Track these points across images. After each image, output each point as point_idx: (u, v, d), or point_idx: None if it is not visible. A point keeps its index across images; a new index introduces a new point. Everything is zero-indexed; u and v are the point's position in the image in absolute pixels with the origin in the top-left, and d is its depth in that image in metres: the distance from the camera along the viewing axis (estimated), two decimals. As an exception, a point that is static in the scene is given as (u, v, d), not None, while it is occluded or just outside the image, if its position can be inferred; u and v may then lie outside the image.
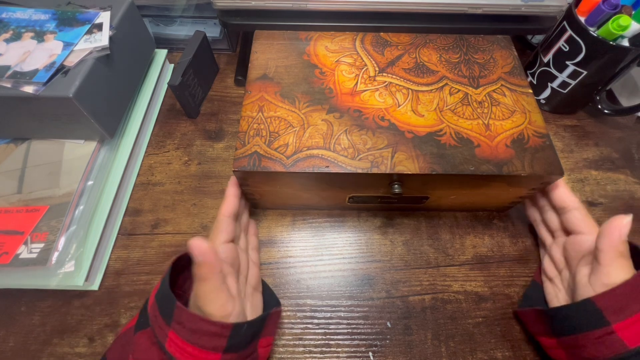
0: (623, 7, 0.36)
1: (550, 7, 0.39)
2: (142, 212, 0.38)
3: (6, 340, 0.32)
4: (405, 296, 0.34)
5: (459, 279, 0.35)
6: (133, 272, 0.35)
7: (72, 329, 0.32)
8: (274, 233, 0.37)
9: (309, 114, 0.33)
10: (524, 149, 0.31)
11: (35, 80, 0.32)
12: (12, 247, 0.32)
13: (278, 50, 0.37)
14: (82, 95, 0.33)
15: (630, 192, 0.40)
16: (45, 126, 0.37)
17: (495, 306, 0.34)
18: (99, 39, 0.36)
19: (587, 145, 0.44)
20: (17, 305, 0.33)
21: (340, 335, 0.32)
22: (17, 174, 0.36)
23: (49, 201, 0.35)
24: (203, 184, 0.40)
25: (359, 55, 0.37)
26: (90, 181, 0.36)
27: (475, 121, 0.33)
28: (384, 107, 0.33)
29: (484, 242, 0.37)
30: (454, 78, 0.36)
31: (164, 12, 0.47)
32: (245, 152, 0.30)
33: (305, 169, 0.30)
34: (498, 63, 0.37)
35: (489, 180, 0.31)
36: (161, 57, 0.48)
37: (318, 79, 0.35)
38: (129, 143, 0.40)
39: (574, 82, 0.41)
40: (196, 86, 0.44)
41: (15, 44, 0.35)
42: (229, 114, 0.45)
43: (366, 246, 0.37)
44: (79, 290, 0.34)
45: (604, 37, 0.36)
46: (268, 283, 0.34)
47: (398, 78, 0.35)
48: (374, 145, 0.31)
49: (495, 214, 0.39)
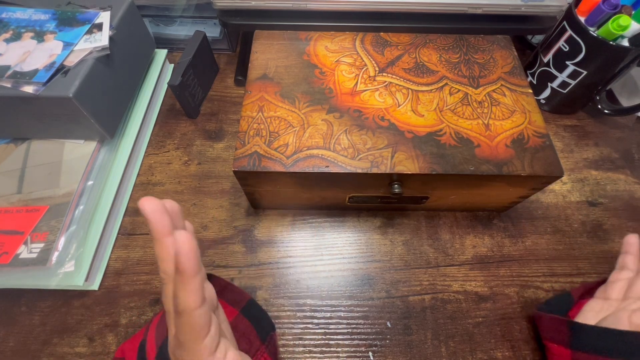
0: (623, 7, 0.36)
1: (550, 7, 0.39)
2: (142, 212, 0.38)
3: (6, 340, 0.32)
4: (405, 296, 0.34)
5: (459, 279, 0.35)
6: (133, 272, 0.35)
7: (72, 329, 0.32)
8: (274, 233, 0.37)
9: (309, 114, 0.33)
10: (524, 149, 0.31)
11: (35, 80, 0.32)
12: (12, 247, 0.32)
13: (278, 50, 0.37)
14: (82, 95, 0.33)
15: (630, 192, 0.40)
16: (45, 126, 0.37)
17: (495, 306, 0.34)
18: (99, 39, 0.36)
19: (587, 145, 0.44)
20: (17, 305, 0.33)
21: (340, 335, 0.32)
22: (17, 174, 0.36)
23: (49, 201, 0.35)
24: (203, 184, 0.40)
25: (359, 55, 0.37)
26: (90, 181, 0.36)
27: (475, 121, 0.33)
28: (384, 107, 0.33)
29: (484, 242, 0.37)
30: (454, 78, 0.36)
31: (164, 12, 0.47)
32: (245, 152, 0.30)
33: (305, 168, 0.30)
34: (498, 63, 0.37)
35: (489, 180, 0.31)
36: (161, 57, 0.48)
37: (318, 79, 0.35)
38: (129, 143, 0.40)
39: (574, 82, 0.41)
40: (196, 86, 0.44)
41: (15, 44, 0.35)
42: (229, 114, 0.45)
43: (366, 246, 0.37)
44: (79, 290, 0.34)
45: (604, 37, 0.36)
46: (268, 283, 0.34)
47: (398, 78, 0.35)
48: (374, 145, 0.31)
49: (495, 214, 0.39)
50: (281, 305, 0.34)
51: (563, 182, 0.41)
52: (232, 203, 0.39)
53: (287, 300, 0.34)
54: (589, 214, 0.39)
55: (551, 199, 0.40)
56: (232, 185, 0.40)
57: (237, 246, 0.36)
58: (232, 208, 0.39)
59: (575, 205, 0.39)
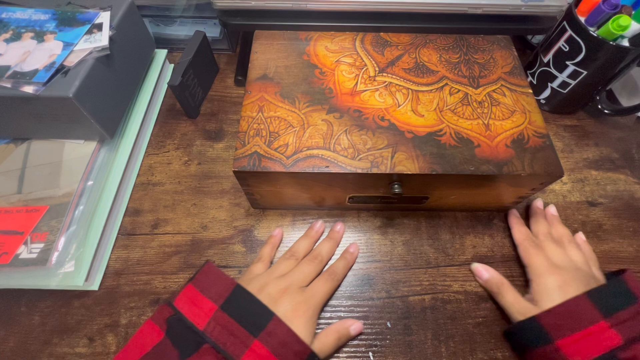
0: (623, 7, 0.36)
1: (550, 7, 0.39)
2: (142, 212, 0.38)
3: (6, 340, 0.32)
4: (405, 296, 0.34)
5: (459, 279, 0.35)
6: (133, 272, 0.35)
7: (72, 329, 0.32)
8: (274, 233, 0.37)
9: (309, 114, 0.33)
10: (524, 149, 0.31)
11: (35, 80, 0.32)
12: (12, 247, 0.32)
13: (278, 50, 0.37)
14: (82, 95, 0.33)
15: (630, 192, 0.40)
16: (45, 126, 0.37)
17: (495, 306, 0.34)
18: (99, 39, 0.36)
19: (587, 145, 0.44)
20: (17, 305, 0.33)
21: (340, 335, 0.32)
22: (17, 174, 0.36)
23: (49, 201, 0.35)
24: (203, 184, 0.40)
25: (359, 55, 0.37)
26: (90, 181, 0.36)
27: (475, 121, 0.33)
28: (384, 107, 0.33)
29: (484, 242, 0.37)
30: (454, 78, 0.36)
31: (164, 12, 0.47)
32: (245, 152, 0.30)
33: (305, 169, 0.30)
34: (498, 63, 0.37)
35: (489, 180, 0.31)
36: (161, 57, 0.48)
37: (318, 79, 0.35)
38: (129, 143, 0.40)
39: (574, 82, 0.41)
40: (196, 86, 0.44)
41: (15, 44, 0.35)
42: (229, 114, 0.45)
43: (366, 246, 0.37)
44: (79, 290, 0.34)
45: (604, 37, 0.36)
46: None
47: (398, 78, 0.35)
48: (374, 145, 0.31)
49: (495, 214, 0.39)
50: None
51: (563, 182, 0.41)
52: (232, 203, 0.39)
53: (287, 300, 0.34)
54: (589, 214, 0.39)
55: (551, 199, 0.40)
56: (232, 185, 0.40)
57: (237, 246, 0.36)
58: (232, 208, 0.39)
59: (575, 206, 0.39)
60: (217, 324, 0.26)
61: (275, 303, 0.28)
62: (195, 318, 0.27)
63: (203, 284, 0.29)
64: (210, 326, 0.26)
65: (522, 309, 0.30)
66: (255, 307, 0.27)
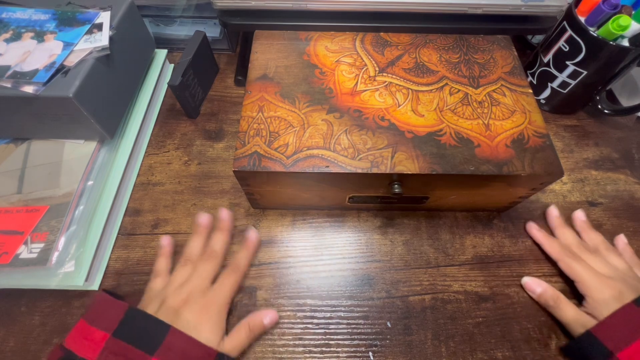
0: (623, 7, 0.36)
1: (550, 7, 0.39)
2: (142, 212, 0.38)
3: (6, 340, 0.32)
4: (405, 296, 0.34)
5: (459, 279, 0.35)
6: (133, 272, 0.35)
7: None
8: (274, 233, 0.37)
9: (309, 114, 0.33)
10: (524, 149, 0.31)
11: (35, 80, 0.32)
12: (12, 247, 0.32)
13: (278, 50, 0.37)
14: (82, 95, 0.33)
15: (630, 192, 0.40)
16: (45, 126, 0.37)
17: (495, 306, 0.34)
18: (99, 39, 0.36)
19: (587, 145, 0.44)
20: (17, 305, 0.33)
21: (340, 335, 0.32)
22: (17, 174, 0.36)
23: (49, 201, 0.35)
24: (203, 184, 0.40)
25: (359, 55, 0.37)
26: (90, 181, 0.36)
27: (475, 121, 0.33)
28: (384, 107, 0.33)
29: (484, 242, 0.37)
30: (454, 78, 0.36)
31: (164, 12, 0.47)
32: (245, 152, 0.30)
33: (305, 169, 0.30)
34: (498, 63, 0.37)
35: (489, 180, 0.31)
36: (161, 57, 0.48)
37: (318, 79, 0.35)
38: (129, 143, 0.40)
39: (574, 82, 0.41)
40: (196, 86, 0.44)
41: (15, 44, 0.35)
42: (229, 114, 0.45)
43: (366, 246, 0.37)
44: (79, 290, 0.34)
45: (604, 37, 0.36)
46: (268, 283, 0.34)
47: (398, 78, 0.35)
48: (374, 145, 0.31)
49: (495, 214, 0.39)
50: (281, 305, 0.34)
51: (563, 182, 0.41)
52: (232, 203, 0.39)
53: (287, 300, 0.34)
54: (589, 214, 0.39)
55: (551, 199, 0.40)
56: (232, 185, 0.40)
57: (237, 246, 0.36)
58: (232, 208, 0.38)
59: (576, 206, 0.39)
60: (109, 352, 0.25)
61: (177, 315, 0.28)
62: (86, 352, 0.26)
63: (93, 314, 0.28)
64: (102, 356, 0.25)
65: (586, 323, 0.29)
66: (152, 325, 0.27)
